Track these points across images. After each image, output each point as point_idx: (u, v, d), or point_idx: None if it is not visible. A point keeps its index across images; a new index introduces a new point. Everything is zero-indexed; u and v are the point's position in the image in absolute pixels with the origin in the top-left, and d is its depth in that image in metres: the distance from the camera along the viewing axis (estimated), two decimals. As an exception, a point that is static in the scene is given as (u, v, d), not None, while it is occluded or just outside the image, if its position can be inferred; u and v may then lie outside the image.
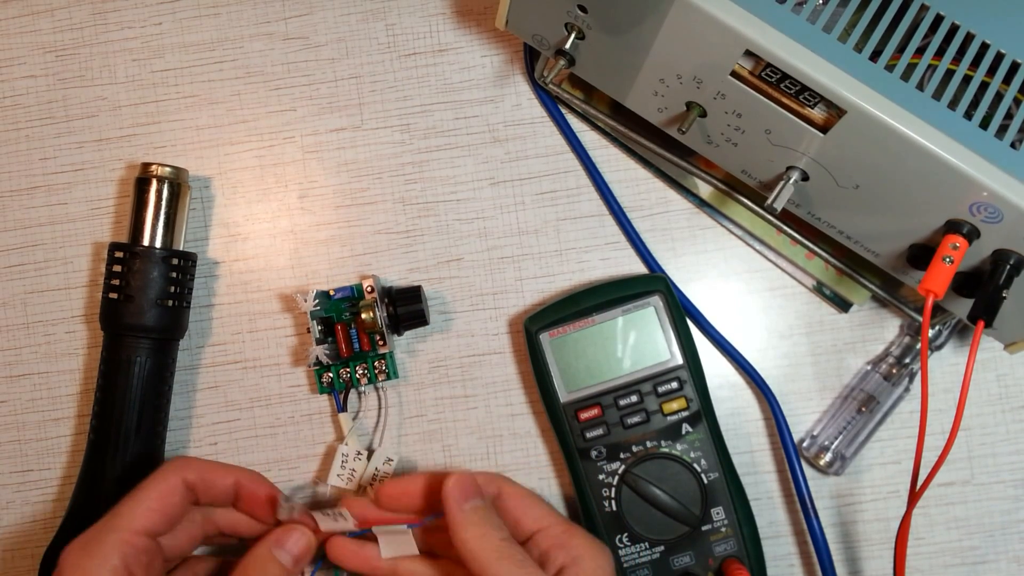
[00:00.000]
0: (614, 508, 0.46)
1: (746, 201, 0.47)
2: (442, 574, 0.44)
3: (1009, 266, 0.37)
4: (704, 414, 0.46)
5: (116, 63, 0.51)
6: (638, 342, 0.47)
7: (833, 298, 0.49)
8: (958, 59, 0.37)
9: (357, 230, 0.51)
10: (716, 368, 0.50)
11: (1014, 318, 0.40)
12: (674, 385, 0.46)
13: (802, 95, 0.37)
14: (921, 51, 0.37)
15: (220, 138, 0.51)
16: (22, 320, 0.51)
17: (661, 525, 0.46)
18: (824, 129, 0.37)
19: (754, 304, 0.50)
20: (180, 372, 0.50)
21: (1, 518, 0.50)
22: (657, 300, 0.47)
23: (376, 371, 0.48)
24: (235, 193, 0.51)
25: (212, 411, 0.50)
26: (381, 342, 0.47)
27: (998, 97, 0.37)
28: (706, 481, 0.46)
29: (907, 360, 0.48)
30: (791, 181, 0.40)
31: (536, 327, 0.47)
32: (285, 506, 0.43)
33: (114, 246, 0.47)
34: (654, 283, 0.47)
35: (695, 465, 0.46)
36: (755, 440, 0.50)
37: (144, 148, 0.51)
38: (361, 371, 0.48)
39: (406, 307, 0.47)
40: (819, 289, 0.49)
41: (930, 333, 0.48)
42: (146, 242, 0.47)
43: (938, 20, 0.38)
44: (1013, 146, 0.36)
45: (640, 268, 0.50)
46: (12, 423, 0.50)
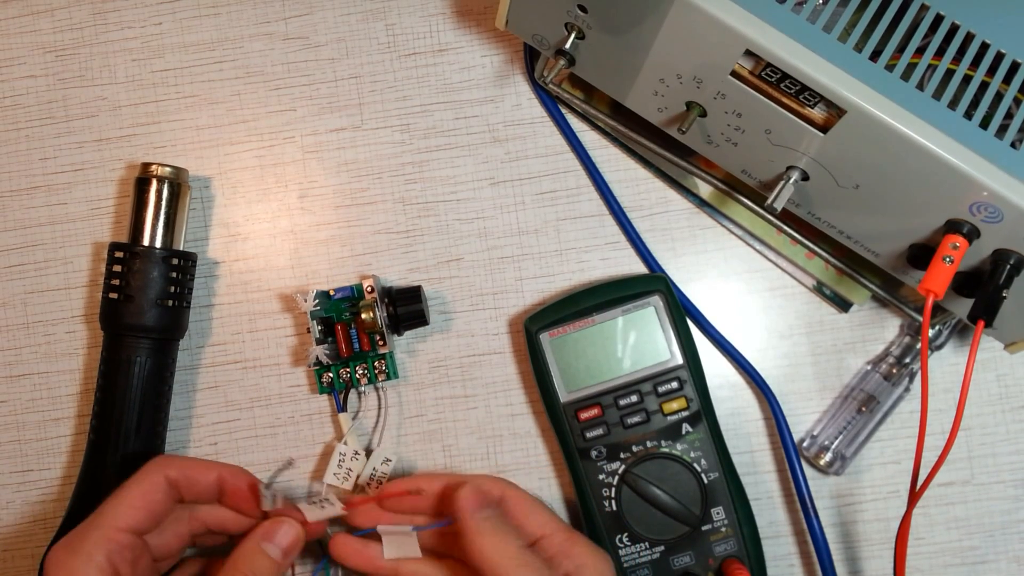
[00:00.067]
0: (614, 508, 0.46)
1: (746, 201, 0.47)
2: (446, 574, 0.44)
3: (1009, 266, 0.37)
4: (704, 414, 0.46)
5: (116, 63, 0.51)
6: (638, 342, 0.47)
7: (833, 298, 0.49)
8: (958, 59, 0.37)
9: (357, 230, 0.50)
10: (716, 368, 0.50)
11: (1014, 318, 0.40)
12: (674, 385, 0.46)
13: (802, 95, 0.37)
14: (921, 51, 0.37)
15: (220, 138, 0.51)
16: (22, 320, 0.51)
17: (661, 525, 0.46)
18: (824, 129, 0.37)
19: (754, 304, 0.50)
20: (180, 372, 0.50)
21: (1, 518, 0.50)
22: (657, 300, 0.47)
23: (376, 371, 0.48)
24: (235, 193, 0.51)
25: (212, 411, 0.50)
26: (381, 342, 0.47)
27: (998, 97, 0.37)
28: (706, 481, 0.46)
29: (907, 360, 0.48)
30: (791, 181, 0.40)
31: (536, 327, 0.47)
32: (267, 495, 0.43)
33: (114, 246, 0.47)
34: (654, 283, 0.47)
35: (695, 465, 0.46)
36: (755, 440, 0.50)
37: (144, 148, 0.51)
38: (361, 371, 0.48)
39: (406, 307, 0.47)
40: (819, 289, 0.49)
41: (930, 333, 0.48)
42: (146, 242, 0.47)
43: (938, 20, 0.38)
44: (1013, 146, 0.36)
45: (640, 268, 0.50)
46: (12, 423, 0.50)
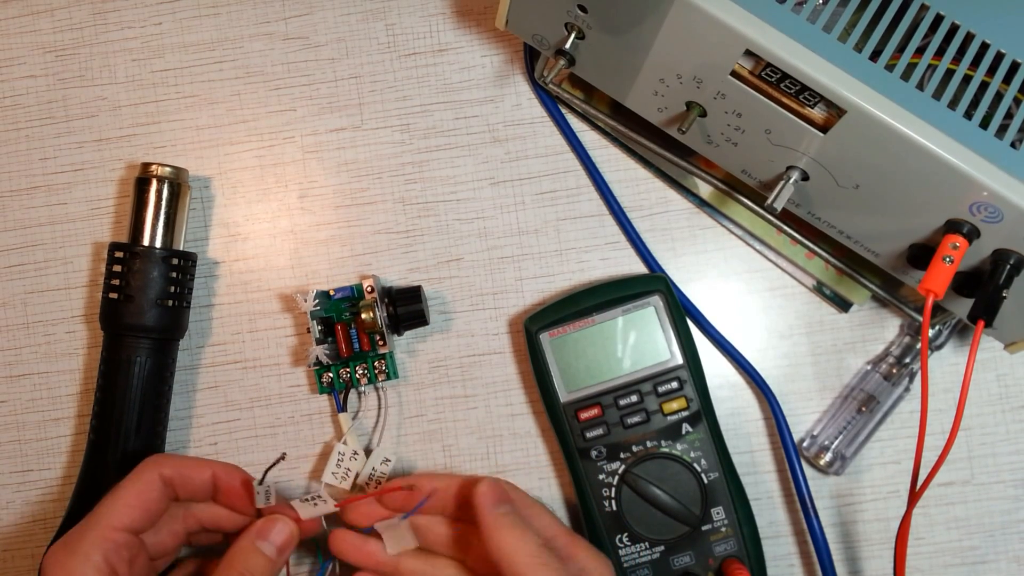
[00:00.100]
0: (614, 508, 0.46)
1: (746, 201, 0.47)
2: (444, 571, 0.44)
3: (1009, 266, 0.37)
4: (704, 414, 0.46)
5: (116, 63, 0.51)
6: (638, 342, 0.47)
7: (833, 298, 0.49)
8: (958, 59, 0.37)
9: (357, 230, 0.50)
10: (716, 368, 0.50)
11: (1014, 318, 0.40)
12: (674, 385, 0.46)
13: (802, 95, 0.37)
14: (921, 51, 0.37)
15: (220, 138, 0.51)
16: (22, 320, 0.51)
17: (661, 525, 0.46)
18: (824, 129, 0.37)
19: (754, 304, 0.50)
20: (180, 372, 0.50)
21: (1, 518, 0.50)
22: (657, 300, 0.47)
23: (376, 371, 0.48)
24: (235, 193, 0.51)
25: (212, 411, 0.50)
26: (381, 342, 0.47)
27: (998, 97, 0.37)
28: (706, 481, 0.46)
29: (907, 360, 0.48)
30: (791, 181, 0.40)
31: (536, 327, 0.47)
32: (260, 491, 0.43)
33: (114, 246, 0.47)
34: (654, 283, 0.47)
35: (695, 465, 0.46)
36: (755, 440, 0.50)
37: (144, 148, 0.51)
38: (361, 371, 0.48)
39: (406, 307, 0.47)
40: (819, 289, 0.49)
41: (930, 333, 0.48)
42: (146, 242, 0.47)
43: (938, 20, 0.38)
44: (1013, 146, 0.36)
45: (640, 268, 0.50)
46: (12, 423, 0.50)
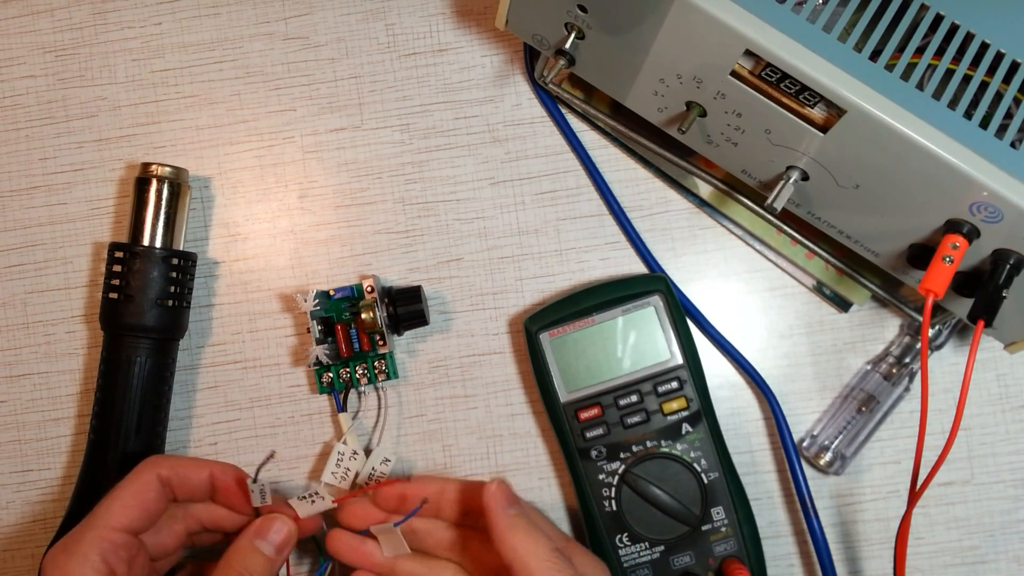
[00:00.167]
0: (614, 508, 0.46)
1: (746, 201, 0.47)
2: (441, 573, 0.44)
3: (1009, 266, 0.37)
4: (704, 414, 0.46)
5: (116, 63, 0.51)
6: (638, 342, 0.47)
7: (833, 298, 0.49)
8: (958, 59, 0.37)
9: (357, 230, 0.50)
10: (716, 368, 0.50)
11: (1014, 318, 0.40)
12: (674, 385, 0.46)
13: (802, 95, 0.37)
14: (921, 51, 0.37)
15: (220, 138, 0.51)
16: (22, 320, 0.51)
17: (661, 525, 0.46)
18: (824, 129, 0.37)
19: (754, 304, 0.50)
20: (180, 372, 0.50)
21: (1, 518, 0.50)
22: (657, 300, 0.47)
23: (376, 371, 0.48)
24: (235, 193, 0.51)
25: (212, 411, 0.50)
26: (381, 342, 0.47)
27: (998, 97, 0.37)
28: (706, 481, 0.46)
29: (907, 360, 0.48)
30: (791, 181, 0.40)
31: (536, 327, 0.47)
32: (255, 489, 0.43)
33: (114, 246, 0.47)
34: (654, 283, 0.47)
35: (695, 465, 0.46)
36: (755, 440, 0.50)
37: (144, 148, 0.51)
38: (361, 371, 0.48)
39: (406, 307, 0.47)
40: (819, 289, 0.49)
41: (930, 333, 0.48)
42: (146, 242, 0.47)
43: (938, 20, 0.38)
44: (1013, 146, 0.36)
45: (640, 268, 0.50)
46: (12, 423, 0.50)
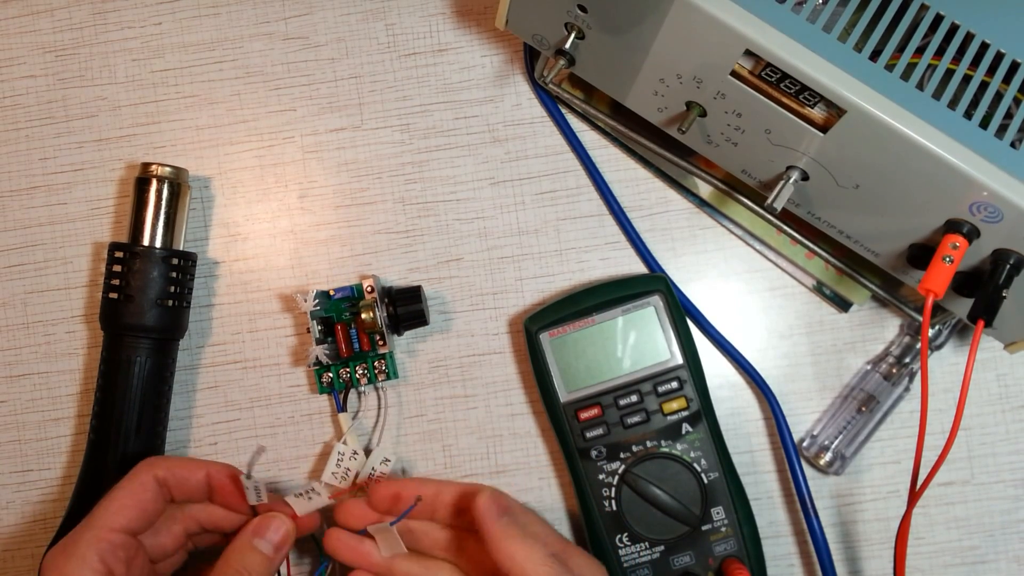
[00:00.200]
0: (614, 508, 0.46)
1: (746, 201, 0.47)
2: (438, 574, 0.44)
3: (1009, 266, 0.37)
4: (704, 414, 0.46)
5: (116, 63, 0.51)
6: (638, 342, 0.47)
7: (833, 298, 0.49)
8: (958, 59, 0.37)
9: (357, 230, 0.50)
10: (716, 368, 0.50)
11: (1014, 318, 0.40)
12: (674, 385, 0.46)
13: (802, 95, 0.37)
14: (921, 51, 0.37)
15: (220, 138, 0.51)
16: (22, 320, 0.51)
17: (661, 525, 0.46)
18: (824, 129, 0.37)
19: (754, 304, 0.50)
20: (180, 372, 0.50)
21: (1, 518, 0.50)
22: (657, 300, 0.47)
23: (376, 371, 0.48)
24: (235, 193, 0.51)
25: (212, 411, 0.50)
26: (381, 342, 0.47)
27: (998, 97, 0.37)
28: (706, 481, 0.46)
29: (907, 360, 0.48)
30: (791, 181, 0.40)
31: (536, 327, 0.47)
32: (249, 486, 0.43)
33: (114, 246, 0.47)
34: (654, 283, 0.47)
35: (695, 465, 0.46)
36: (755, 440, 0.50)
37: (144, 148, 0.51)
38: (361, 371, 0.48)
39: (406, 307, 0.47)
40: (819, 289, 0.49)
41: (930, 333, 0.48)
42: (146, 242, 0.47)
43: (938, 20, 0.38)
44: (1013, 145, 0.36)
45: (640, 268, 0.50)
46: (12, 423, 0.50)
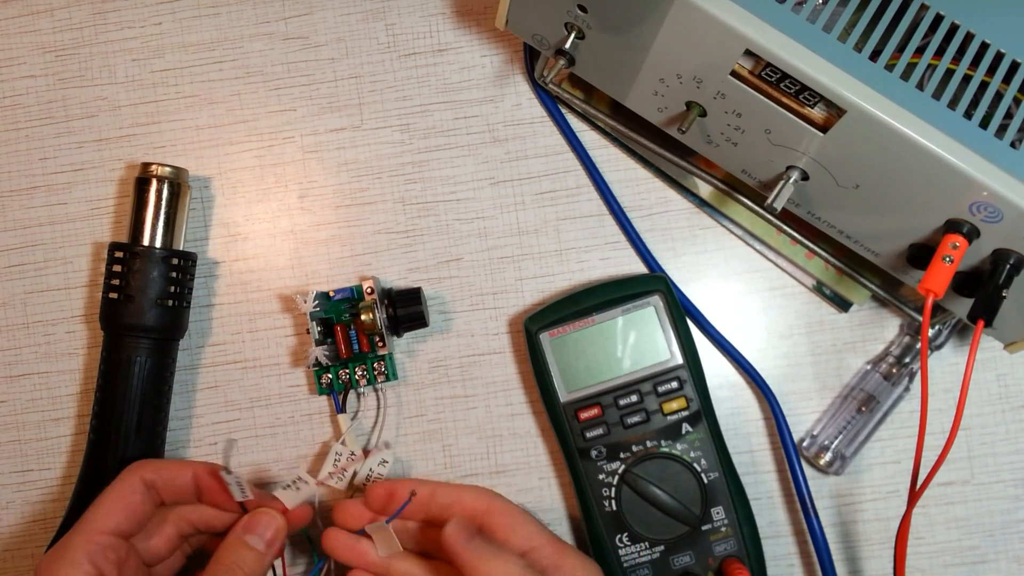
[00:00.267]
0: (614, 508, 0.46)
1: (746, 201, 0.47)
2: (435, 574, 0.44)
3: (1009, 266, 0.37)
4: (704, 414, 0.46)
5: (116, 63, 0.51)
6: (638, 342, 0.47)
7: (833, 298, 0.49)
8: (958, 59, 0.37)
9: (357, 230, 0.50)
10: (716, 368, 0.50)
11: (1014, 318, 0.40)
12: (674, 385, 0.46)
13: (802, 95, 0.37)
14: (921, 51, 0.37)
15: (220, 138, 0.51)
16: (22, 320, 0.51)
17: (661, 525, 0.46)
18: (824, 129, 0.37)
19: (754, 304, 0.50)
20: (180, 372, 0.50)
21: (1, 518, 0.50)
22: (657, 300, 0.47)
23: (375, 372, 0.48)
24: (235, 193, 0.51)
25: (212, 411, 0.50)
26: (380, 343, 0.47)
27: (998, 97, 0.37)
28: (706, 481, 0.46)
29: (907, 360, 0.48)
30: (791, 181, 0.40)
31: (536, 327, 0.47)
32: (231, 482, 0.43)
33: (114, 246, 0.47)
34: (654, 283, 0.47)
35: (695, 465, 0.46)
36: (755, 440, 0.50)
37: (144, 148, 0.51)
38: (360, 372, 0.48)
39: (405, 309, 0.47)
40: (819, 289, 0.49)
41: (930, 333, 0.48)
42: (146, 242, 0.47)
43: (938, 20, 0.38)
44: (1013, 145, 0.36)
45: (640, 268, 0.50)
46: (12, 423, 0.50)
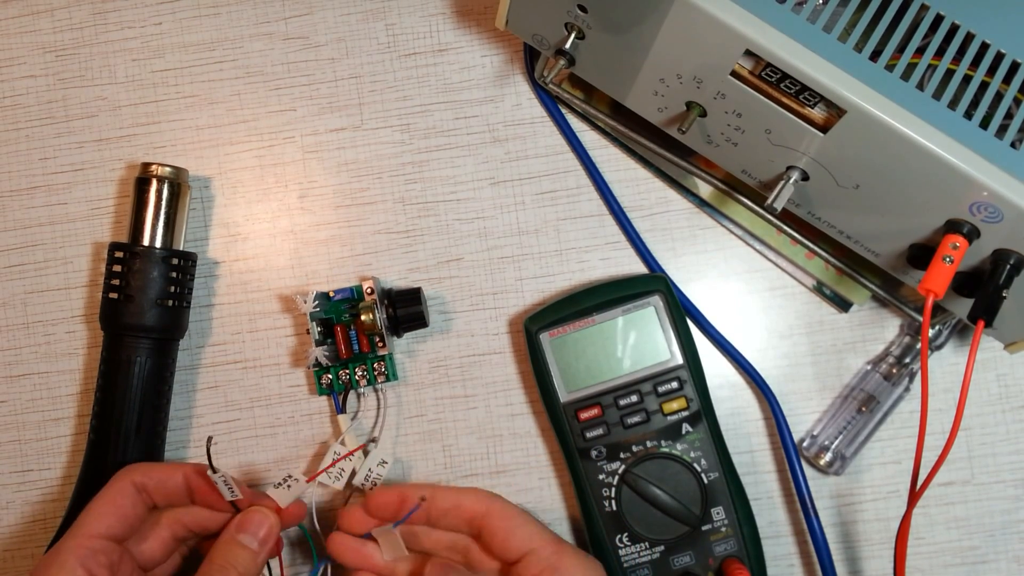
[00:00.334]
0: (614, 508, 0.46)
1: (746, 201, 0.47)
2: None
3: (1009, 266, 0.37)
4: (704, 414, 0.46)
5: (116, 63, 0.51)
6: (638, 342, 0.47)
7: (833, 298, 0.49)
8: (958, 59, 0.37)
9: (357, 230, 0.50)
10: (716, 368, 0.50)
11: (1014, 318, 0.40)
12: (674, 385, 0.46)
13: (802, 95, 0.37)
14: (921, 51, 0.37)
15: (220, 138, 0.51)
16: (22, 320, 0.51)
17: (661, 525, 0.46)
18: (824, 129, 0.37)
19: (754, 304, 0.50)
20: (180, 372, 0.50)
21: (1, 518, 0.50)
22: (657, 300, 0.47)
23: (375, 372, 0.48)
24: (235, 193, 0.51)
25: (212, 411, 0.50)
26: (380, 344, 0.47)
27: (998, 97, 0.37)
28: (706, 481, 0.46)
29: (907, 360, 0.48)
30: (791, 181, 0.40)
31: (536, 327, 0.47)
32: (219, 481, 0.43)
33: (114, 246, 0.47)
34: (654, 283, 0.47)
35: (695, 465, 0.46)
36: (755, 440, 0.50)
37: (144, 148, 0.51)
38: (360, 373, 0.48)
39: (405, 309, 0.47)
40: (819, 289, 0.49)
41: (930, 333, 0.48)
42: (146, 242, 0.47)
43: (938, 20, 0.38)
44: (1013, 146, 0.36)
45: (640, 268, 0.50)
46: (12, 423, 0.50)
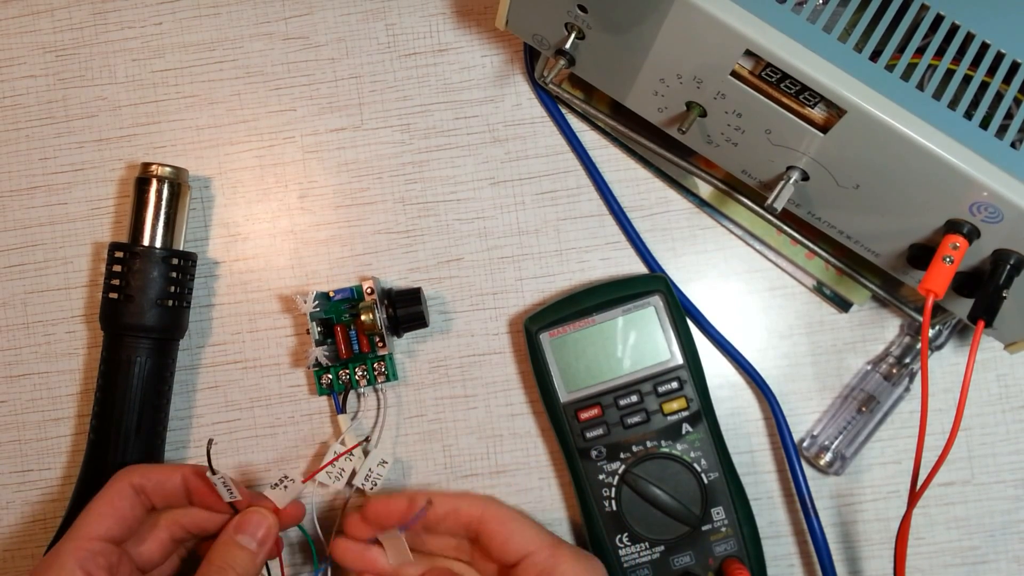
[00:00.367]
0: (614, 508, 0.46)
1: (746, 201, 0.47)
2: None
3: (1009, 266, 0.37)
4: (704, 414, 0.46)
5: (116, 63, 0.51)
6: (638, 342, 0.47)
7: (833, 298, 0.49)
8: (958, 59, 0.37)
9: (357, 230, 0.50)
10: (716, 368, 0.50)
11: (1014, 318, 0.40)
12: (674, 385, 0.46)
13: (802, 95, 0.37)
14: (921, 51, 0.37)
15: (220, 138, 0.51)
16: (22, 320, 0.51)
17: (661, 525, 0.46)
18: (824, 129, 0.37)
19: (754, 304, 0.50)
20: (180, 372, 0.50)
21: (1, 518, 0.50)
22: (657, 300, 0.47)
23: (375, 372, 0.48)
24: (235, 193, 0.51)
25: (212, 411, 0.50)
26: (380, 344, 0.47)
27: (998, 97, 0.37)
28: (706, 481, 0.46)
29: (907, 360, 0.48)
30: (791, 181, 0.40)
31: (536, 327, 0.47)
32: (218, 482, 0.43)
33: (114, 246, 0.47)
34: (654, 283, 0.47)
35: (695, 465, 0.46)
36: (755, 440, 0.50)
37: (144, 148, 0.51)
38: (360, 373, 0.48)
39: (405, 309, 0.47)
40: (819, 289, 0.49)
41: (930, 333, 0.48)
42: (146, 242, 0.47)
43: (938, 20, 0.38)
44: (1013, 146, 0.36)
45: (640, 268, 0.50)
46: (12, 423, 0.50)
